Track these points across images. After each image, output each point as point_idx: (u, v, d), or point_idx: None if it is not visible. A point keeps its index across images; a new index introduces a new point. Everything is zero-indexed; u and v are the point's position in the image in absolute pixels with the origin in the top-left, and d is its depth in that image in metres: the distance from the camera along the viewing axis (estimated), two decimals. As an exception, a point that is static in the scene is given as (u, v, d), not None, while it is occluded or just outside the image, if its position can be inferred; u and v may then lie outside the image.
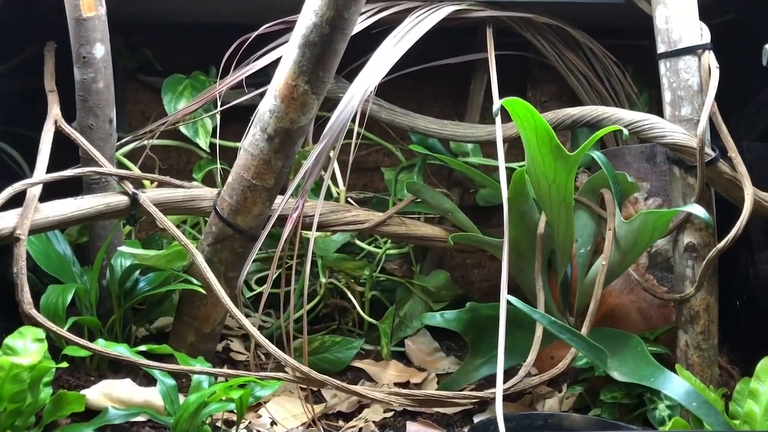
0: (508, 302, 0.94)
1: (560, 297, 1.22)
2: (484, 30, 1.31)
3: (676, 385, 0.86)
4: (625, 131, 0.97)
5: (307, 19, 0.96)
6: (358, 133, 1.18)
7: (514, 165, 1.41)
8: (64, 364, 0.93)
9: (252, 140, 1.04)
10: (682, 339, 1.10)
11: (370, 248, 1.40)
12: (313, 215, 1.17)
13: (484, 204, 1.49)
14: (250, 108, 1.42)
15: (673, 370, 1.04)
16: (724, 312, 1.13)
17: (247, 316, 1.40)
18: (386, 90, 1.47)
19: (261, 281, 1.45)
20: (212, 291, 1.02)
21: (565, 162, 1.00)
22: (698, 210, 0.92)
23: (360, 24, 1.19)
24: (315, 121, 1.16)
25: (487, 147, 1.50)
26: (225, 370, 0.98)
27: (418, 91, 1.54)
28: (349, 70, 1.37)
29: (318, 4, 0.95)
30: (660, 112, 1.52)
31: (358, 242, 1.39)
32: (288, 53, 0.99)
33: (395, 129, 1.37)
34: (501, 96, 1.27)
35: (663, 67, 1.07)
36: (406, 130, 1.29)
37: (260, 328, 1.40)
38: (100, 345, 0.96)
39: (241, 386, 0.98)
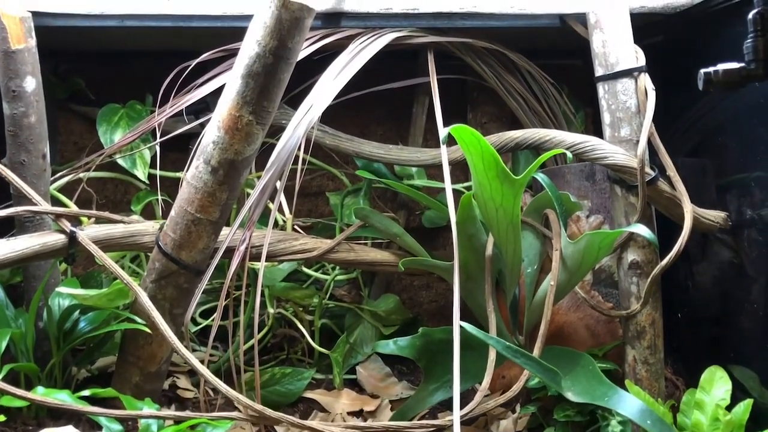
0: (461, 326, 0.94)
1: (509, 316, 1.23)
2: (425, 54, 1.32)
3: (629, 404, 0.88)
4: (569, 154, 0.99)
5: (249, 48, 0.95)
6: (304, 160, 1.16)
7: (458, 186, 1.43)
8: (1, 417, 0.88)
9: (195, 173, 1.01)
10: (630, 354, 1.12)
11: (318, 275, 1.39)
12: (261, 246, 1.15)
13: (430, 225, 1.50)
14: (189, 136, 1.39)
15: (623, 386, 1.06)
16: (666, 324, 1.16)
17: (193, 351, 1.36)
18: (330, 115, 1.46)
19: (205, 314, 1.41)
20: (158, 329, 0.99)
21: (511, 185, 1.01)
22: (642, 230, 0.94)
23: (303, 51, 1.18)
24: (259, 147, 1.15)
25: (432, 169, 1.52)
26: (174, 412, 0.94)
27: (361, 115, 1.54)
28: (293, 95, 1.36)
29: (261, 33, 0.94)
30: (596, 130, 1.57)
31: (305, 269, 1.38)
32: (231, 84, 0.97)
33: (340, 154, 1.36)
34: (443, 118, 1.28)
35: (601, 89, 1.10)
36: (351, 155, 1.28)
37: (208, 363, 1.37)
38: (39, 394, 0.91)
39: (192, 428, 0.95)
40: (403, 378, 1.38)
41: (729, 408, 1.04)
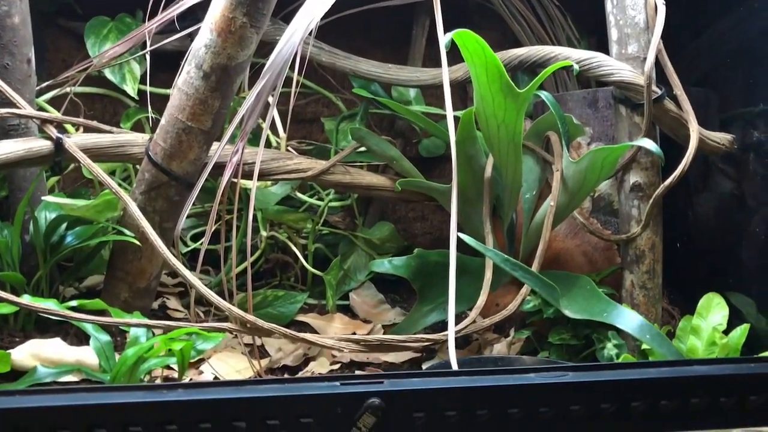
0: (457, 249, 0.92)
1: (506, 243, 1.21)
2: (425, -28, 1.27)
3: (628, 319, 0.87)
4: (576, 65, 0.95)
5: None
6: (297, 81, 1.12)
7: (457, 114, 1.39)
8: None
9: (186, 78, 0.97)
10: (628, 279, 1.11)
11: (312, 201, 1.36)
12: (253, 163, 1.12)
13: (427, 155, 1.47)
14: (180, 54, 1.34)
15: (620, 309, 1.05)
16: (664, 254, 1.14)
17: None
18: (326, 36, 1.42)
19: (197, 238, 1.39)
20: (147, 242, 0.96)
21: (515, 100, 0.98)
22: (649, 144, 0.92)
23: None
24: (250, 69, 1.10)
25: (430, 96, 1.48)
26: (164, 322, 0.92)
27: (358, 38, 1.49)
28: (287, 12, 1.31)
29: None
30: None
31: (299, 195, 1.35)
32: (224, -17, 0.92)
33: (335, 76, 1.32)
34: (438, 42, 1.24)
35: (609, 4, 1.06)
36: (347, 74, 1.24)
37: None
38: (26, 299, 0.88)
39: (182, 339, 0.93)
40: (396, 305, 1.36)
41: (725, 333, 1.03)
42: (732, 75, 1.36)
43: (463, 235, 0.86)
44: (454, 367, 0.84)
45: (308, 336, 0.90)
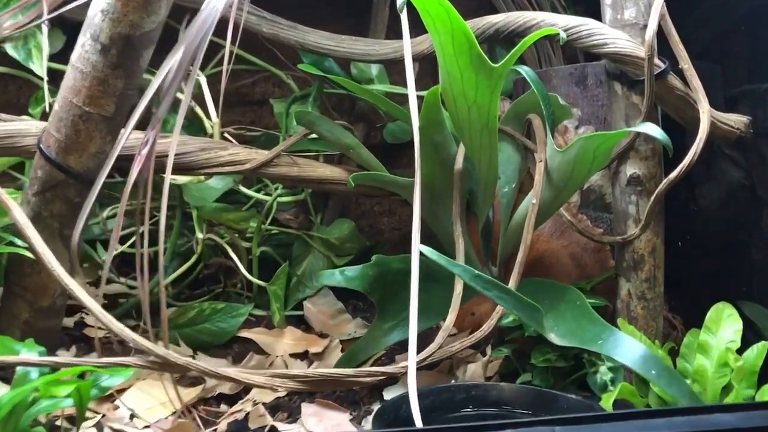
0: (422, 254, 0.74)
1: (481, 244, 1.03)
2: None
3: (628, 349, 0.70)
4: (563, 34, 0.77)
5: None
6: (231, 52, 0.94)
7: (422, 93, 1.21)
8: None
9: (81, 53, 0.78)
10: (624, 288, 0.94)
11: (259, 196, 1.17)
12: (182, 155, 0.94)
13: (393, 141, 1.29)
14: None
15: (615, 325, 0.88)
16: (665, 255, 0.98)
17: (109, 282, 1.16)
18: (271, 7, 1.23)
19: (126, 239, 1.20)
20: (37, 255, 0.77)
21: (488, 76, 0.80)
22: (652, 129, 0.74)
23: None
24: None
25: (397, 73, 1.30)
26: (52, 359, 0.74)
27: (310, 8, 1.30)
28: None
29: None
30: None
31: (243, 189, 1.16)
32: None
33: (286, 51, 1.13)
34: (408, 13, 1.06)
35: (602, -40, 0.88)
36: (294, 47, 1.05)
37: (126, 297, 1.17)
38: None
39: (81, 376, 0.75)
40: (357, 315, 1.19)
41: (739, 351, 0.87)
42: (740, 47, 1.20)
43: (425, 248, 0.68)
44: (415, 410, 0.67)
45: (231, 372, 0.72)
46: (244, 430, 0.85)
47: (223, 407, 0.93)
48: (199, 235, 1.12)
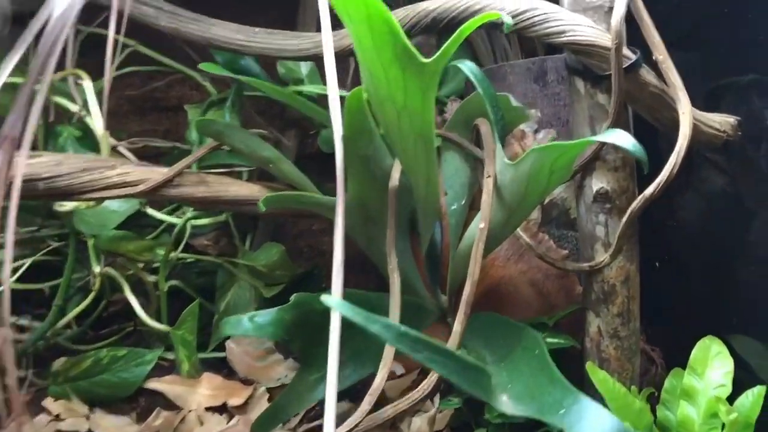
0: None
1: (426, 271, 0.88)
2: None
3: (596, 422, 0.54)
4: (508, 19, 0.61)
5: None
6: (114, 42, 0.77)
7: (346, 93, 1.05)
8: None
9: None
10: (593, 324, 0.78)
11: (171, 219, 1.00)
12: (60, 177, 0.77)
13: (329, 150, 1.12)
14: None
15: (582, 367, 0.73)
16: (641, 280, 0.83)
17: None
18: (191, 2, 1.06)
19: (26, 274, 1.02)
20: None
21: (418, 74, 0.64)
22: (622, 138, 0.58)
23: None
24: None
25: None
26: None
27: (237, 4, 1.14)
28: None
29: None
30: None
31: (151, 212, 0.99)
32: None
33: (200, 48, 0.96)
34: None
35: (557, -71, 0.72)
36: (199, 42, 0.88)
37: (15, 342, 0.99)
38: None
39: None
40: (290, 355, 1.03)
41: (731, 397, 0.73)
42: (720, 34, 1.06)
43: (329, 299, 0.52)
44: None
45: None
46: None
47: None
48: (96, 269, 0.94)
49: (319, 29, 1.08)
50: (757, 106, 1.01)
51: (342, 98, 1.07)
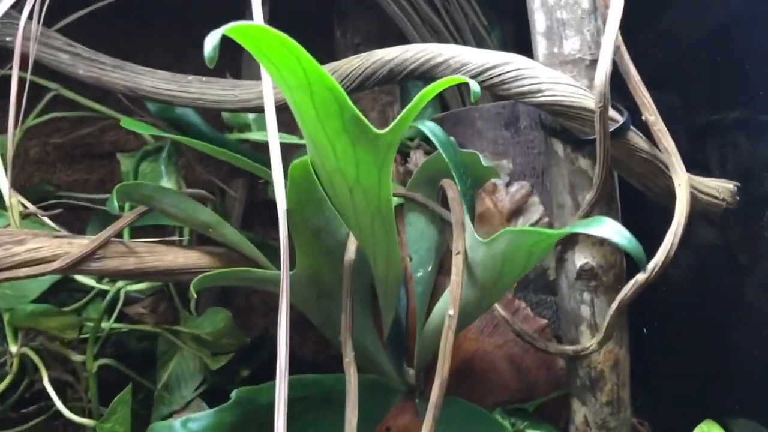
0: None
1: (389, 351, 0.78)
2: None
3: None
4: (475, 86, 0.52)
5: None
6: (51, 91, 0.66)
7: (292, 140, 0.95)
8: None
9: None
10: (579, 412, 0.69)
11: (101, 286, 0.89)
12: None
13: (281, 199, 1.02)
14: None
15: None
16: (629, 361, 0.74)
17: None
18: (117, 34, 0.96)
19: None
20: None
21: (372, 148, 0.54)
22: (612, 232, 0.49)
23: None
24: None
25: (284, 113, 1.03)
26: None
27: (176, 36, 1.03)
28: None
29: None
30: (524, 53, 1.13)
31: (79, 277, 0.87)
32: None
33: (106, 91, 0.85)
34: (295, 39, 0.80)
35: (531, -29, 0.62)
36: (123, 92, 0.77)
37: None
38: None
39: None
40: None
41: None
42: (700, 72, 0.98)
43: None
44: None
45: None
46: None
47: None
48: (12, 349, 0.82)
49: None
50: (745, 146, 0.93)
51: (291, 145, 0.96)
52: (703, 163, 0.94)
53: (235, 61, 1.00)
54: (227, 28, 0.45)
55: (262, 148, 0.99)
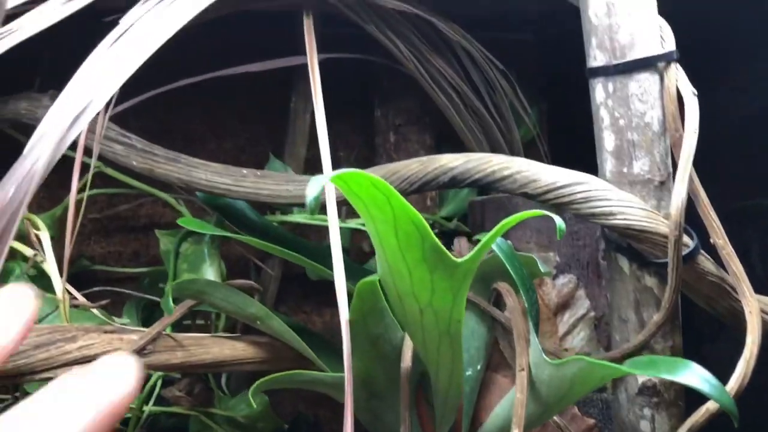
0: None
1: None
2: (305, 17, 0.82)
3: None
4: (560, 223, 0.52)
5: None
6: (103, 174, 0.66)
7: (352, 225, 0.95)
8: None
9: None
10: None
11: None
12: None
13: (317, 278, 1.01)
14: None
15: None
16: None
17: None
18: (156, 107, 0.95)
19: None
20: None
21: (449, 275, 0.53)
22: (701, 381, 0.48)
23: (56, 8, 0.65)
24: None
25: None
26: None
27: (214, 108, 1.03)
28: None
29: None
30: (553, 135, 1.13)
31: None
32: None
33: (160, 183, 0.85)
34: (336, 119, 0.80)
35: (601, 90, 0.63)
36: (176, 185, 0.77)
37: None
38: None
39: None
40: None
41: None
42: (730, 163, 0.99)
43: None
44: None
45: None
46: None
47: None
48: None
49: (309, 151, 0.98)
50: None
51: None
52: (741, 249, 0.94)
53: (278, 144, 1.00)
54: (334, 175, 0.45)
55: (301, 227, 0.98)
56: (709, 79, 0.70)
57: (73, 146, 0.87)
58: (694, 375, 0.49)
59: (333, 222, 0.63)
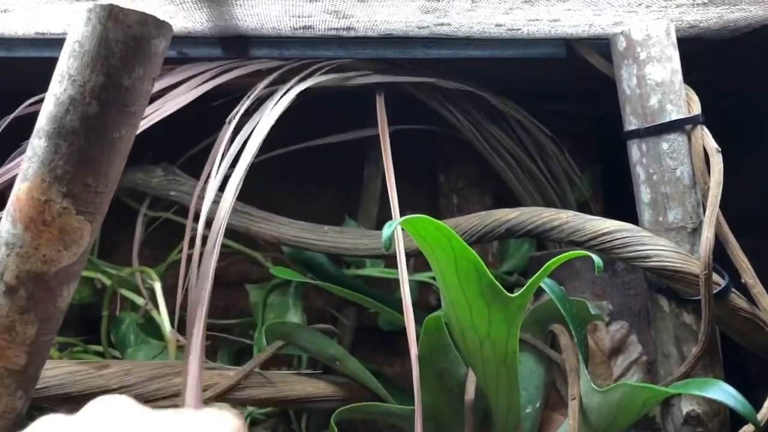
0: None
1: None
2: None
3: None
4: (598, 261, 0.60)
5: (58, 90, 0.56)
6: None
7: (420, 277, 1.04)
8: None
9: (-18, 294, 0.61)
10: None
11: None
12: (128, 387, 0.76)
13: (389, 328, 1.10)
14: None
15: None
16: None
17: None
18: (251, 183, 1.09)
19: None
20: None
21: (503, 308, 0.62)
22: (726, 395, 0.55)
23: (191, 92, 0.79)
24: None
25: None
26: None
27: (296, 175, 1.16)
28: (188, 157, 0.99)
29: (74, 65, 0.55)
30: (608, 194, 1.20)
31: (211, 400, 0.97)
32: (32, 148, 0.58)
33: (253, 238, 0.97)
34: (405, 181, 0.91)
35: (636, 150, 0.72)
36: (268, 240, 0.89)
37: None
38: None
39: None
40: None
41: None
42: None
43: None
44: None
45: None
46: None
47: None
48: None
49: (380, 210, 1.10)
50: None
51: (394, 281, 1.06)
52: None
53: (355, 207, 1.12)
54: (401, 221, 0.55)
55: (373, 280, 1.08)
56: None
57: (179, 211, 1.01)
58: (721, 391, 0.55)
59: (402, 268, 0.73)
